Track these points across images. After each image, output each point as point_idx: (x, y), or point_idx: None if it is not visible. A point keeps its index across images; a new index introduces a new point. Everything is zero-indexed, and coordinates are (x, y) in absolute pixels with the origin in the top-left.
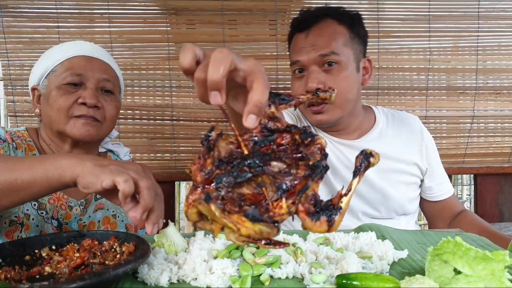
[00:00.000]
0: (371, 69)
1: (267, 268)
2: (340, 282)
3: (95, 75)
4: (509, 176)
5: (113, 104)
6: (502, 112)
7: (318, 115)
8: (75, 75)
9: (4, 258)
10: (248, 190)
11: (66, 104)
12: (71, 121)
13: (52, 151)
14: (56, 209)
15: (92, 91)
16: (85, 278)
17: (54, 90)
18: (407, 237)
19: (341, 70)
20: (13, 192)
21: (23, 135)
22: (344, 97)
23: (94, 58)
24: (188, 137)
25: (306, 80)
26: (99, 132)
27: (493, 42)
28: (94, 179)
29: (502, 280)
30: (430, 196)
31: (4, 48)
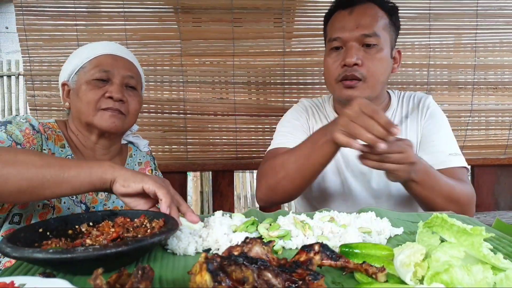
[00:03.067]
0: (399, 60)
1: (279, 240)
2: (343, 249)
3: (121, 72)
4: (505, 167)
5: (136, 99)
6: (499, 106)
7: (350, 90)
8: (103, 72)
9: (51, 231)
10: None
11: (95, 98)
12: (99, 113)
13: (80, 142)
14: (84, 194)
15: (118, 87)
16: (129, 244)
17: (84, 84)
18: (403, 218)
19: (379, 52)
20: (58, 184)
21: (53, 127)
22: (377, 79)
23: (119, 57)
24: (199, 129)
25: (345, 55)
26: (123, 124)
27: (491, 39)
28: (138, 180)
29: (480, 249)
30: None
31: (25, 45)
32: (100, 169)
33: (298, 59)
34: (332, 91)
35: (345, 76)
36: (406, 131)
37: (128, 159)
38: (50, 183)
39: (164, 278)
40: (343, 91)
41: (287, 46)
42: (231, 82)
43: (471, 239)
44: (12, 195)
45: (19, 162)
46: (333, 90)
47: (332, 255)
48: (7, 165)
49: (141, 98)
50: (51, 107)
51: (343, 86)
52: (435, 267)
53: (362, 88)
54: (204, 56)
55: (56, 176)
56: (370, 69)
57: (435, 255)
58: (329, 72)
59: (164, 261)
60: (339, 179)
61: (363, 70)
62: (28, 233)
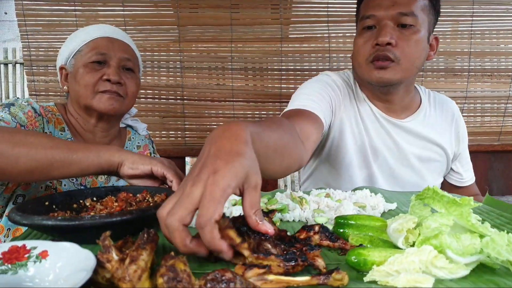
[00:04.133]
0: (436, 47)
1: (277, 213)
2: (338, 221)
3: (117, 54)
4: (498, 154)
5: (134, 81)
6: (494, 93)
7: (381, 71)
8: (99, 54)
9: (56, 205)
10: None
11: (92, 81)
12: (97, 96)
13: (80, 125)
14: (84, 177)
15: (115, 69)
16: (133, 213)
17: (81, 68)
18: (397, 196)
19: (415, 33)
20: (66, 165)
21: (52, 110)
22: (411, 61)
23: (116, 39)
24: (197, 115)
25: (378, 34)
26: (121, 107)
27: (487, 26)
28: (146, 162)
29: (468, 218)
30: (459, 181)
31: (24, 30)
32: (108, 152)
33: (295, 45)
34: (361, 73)
35: (377, 56)
36: (440, 133)
37: (127, 142)
38: (58, 164)
39: (167, 245)
40: (373, 72)
41: (285, 32)
42: (229, 68)
43: (460, 209)
44: (22, 174)
45: (29, 143)
46: (362, 72)
47: (331, 236)
48: (17, 146)
49: (139, 81)
50: (50, 93)
51: (374, 67)
52: (425, 233)
53: (394, 70)
54: (202, 42)
55: (65, 158)
56: (404, 50)
57: (426, 223)
58: (359, 52)
59: None
60: (366, 172)
61: (396, 50)
62: (35, 205)
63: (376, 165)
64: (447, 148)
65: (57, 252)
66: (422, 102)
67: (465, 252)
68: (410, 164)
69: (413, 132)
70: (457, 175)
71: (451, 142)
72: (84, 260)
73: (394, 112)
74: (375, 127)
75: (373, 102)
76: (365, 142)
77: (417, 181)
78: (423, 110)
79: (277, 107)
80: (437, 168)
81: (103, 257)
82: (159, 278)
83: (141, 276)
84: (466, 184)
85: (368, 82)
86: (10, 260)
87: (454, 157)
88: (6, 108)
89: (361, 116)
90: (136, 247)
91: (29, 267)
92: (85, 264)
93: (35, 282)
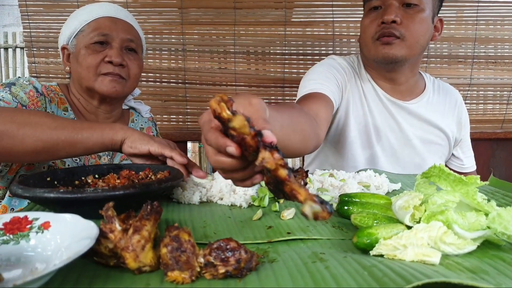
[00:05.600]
0: (441, 29)
1: None
2: (343, 198)
3: (120, 35)
4: (501, 141)
5: (136, 63)
6: (497, 80)
7: (386, 47)
8: (101, 35)
9: (58, 181)
10: None
11: (94, 63)
12: (99, 78)
13: (82, 106)
14: (87, 158)
15: (117, 50)
16: (136, 187)
17: (83, 49)
18: (401, 178)
19: (420, 12)
20: (71, 145)
21: (55, 89)
22: (416, 39)
23: (118, 19)
24: (199, 99)
25: (383, 12)
26: (124, 89)
27: (492, 13)
28: (144, 142)
29: (474, 197)
30: (460, 166)
31: (25, 11)
32: (111, 131)
33: (299, 30)
34: (367, 51)
35: (382, 33)
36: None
37: (130, 124)
38: (64, 144)
39: (170, 219)
40: (379, 48)
41: (289, 16)
42: (232, 51)
43: (466, 187)
44: (28, 155)
45: (33, 124)
46: (368, 50)
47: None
48: (22, 126)
49: (142, 62)
50: (51, 75)
51: (380, 44)
52: (431, 209)
53: (399, 46)
54: (205, 25)
55: (70, 137)
56: (409, 28)
57: (432, 199)
58: (366, 31)
59: (170, 207)
60: (369, 152)
61: (401, 28)
62: (37, 180)
63: (379, 146)
64: (448, 132)
65: (59, 223)
66: (426, 87)
67: (471, 228)
68: (412, 145)
69: (416, 114)
70: (458, 161)
71: (452, 127)
72: (87, 230)
73: (399, 93)
74: (378, 108)
75: (377, 83)
76: (369, 122)
77: (419, 163)
78: (427, 94)
79: (280, 92)
80: (439, 151)
81: (106, 227)
82: (163, 248)
83: (144, 246)
84: (466, 170)
85: (374, 59)
86: (12, 230)
87: (456, 142)
88: (7, 88)
89: (365, 97)
90: (140, 218)
91: (31, 237)
92: (88, 233)
93: (36, 251)
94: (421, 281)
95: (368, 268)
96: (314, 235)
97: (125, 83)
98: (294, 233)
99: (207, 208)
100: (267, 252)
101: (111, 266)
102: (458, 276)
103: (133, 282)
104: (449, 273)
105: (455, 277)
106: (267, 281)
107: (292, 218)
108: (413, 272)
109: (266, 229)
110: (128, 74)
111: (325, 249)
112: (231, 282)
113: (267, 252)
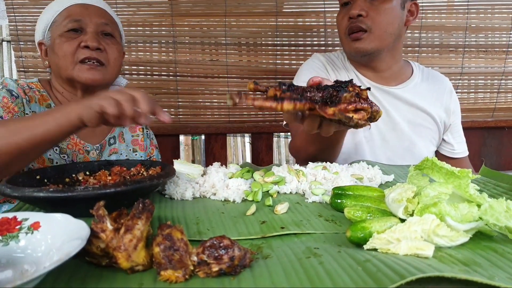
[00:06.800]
0: (416, 13)
1: (274, 186)
2: (336, 192)
3: (93, 19)
4: (492, 130)
5: (115, 47)
6: (488, 69)
7: (356, 42)
8: (74, 21)
9: (48, 179)
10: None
11: (70, 49)
12: (77, 67)
13: (66, 99)
14: (75, 154)
15: (92, 35)
16: (128, 184)
17: (57, 38)
18: (394, 169)
19: (385, 2)
20: (35, 146)
21: (36, 86)
22: (384, 29)
23: (90, 5)
24: (191, 92)
25: (350, 8)
26: (104, 76)
27: (484, 2)
28: (89, 110)
29: (466, 189)
30: (451, 151)
31: (11, 4)
32: (65, 116)
33: (290, 20)
34: (343, 46)
35: (351, 28)
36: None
37: None
38: (28, 147)
39: (163, 217)
40: (350, 44)
41: (280, 7)
42: (223, 43)
43: (459, 180)
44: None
45: None
46: (343, 45)
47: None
48: None
49: (121, 47)
50: (39, 69)
51: (350, 40)
52: (424, 201)
53: (368, 39)
54: (195, 17)
55: (29, 139)
56: (375, 19)
57: (425, 191)
58: (339, 27)
59: (162, 204)
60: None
61: (368, 21)
62: (27, 179)
63: (366, 131)
64: (435, 117)
65: (49, 223)
66: (413, 74)
67: (464, 220)
68: (400, 128)
69: (402, 98)
70: (449, 146)
71: (440, 113)
72: (78, 230)
73: (383, 79)
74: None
75: (361, 72)
76: None
77: (408, 146)
78: (414, 80)
79: (272, 83)
80: (428, 135)
81: (97, 227)
82: (156, 247)
83: (136, 245)
84: (458, 156)
85: (349, 54)
86: (1, 231)
87: (445, 127)
88: None
89: None
90: (131, 216)
91: (21, 238)
92: (79, 234)
93: (26, 253)
94: (415, 275)
95: (362, 263)
96: (308, 229)
97: (105, 69)
98: (288, 227)
99: (200, 203)
100: (261, 248)
101: (103, 266)
102: (451, 269)
103: (126, 281)
104: (443, 266)
105: (448, 270)
106: (261, 279)
107: (286, 212)
108: (406, 266)
109: (260, 224)
110: (107, 58)
111: (319, 244)
112: (225, 280)
113: (261, 248)
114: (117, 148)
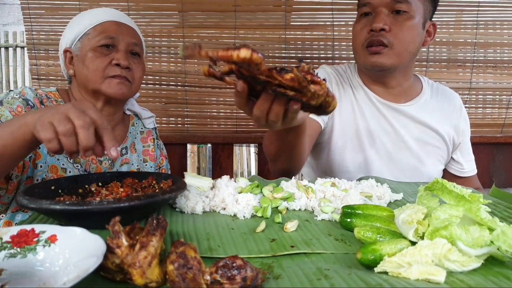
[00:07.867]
0: (434, 34)
1: (283, 202)
2: (345, 210)
3: (125, 39)
4: (501, 146)
5: (140, 67)
6: (497, 84)
7: (375, 56)
8: (108, 38)
9: (62, 189)
10: None
11: (102, 65)
12: (106, 81)
13: None
14: (88, 163)
15: (124, 53)
16: (141, 199)
17: (89, 52)
18: (403, 186)
19: (409, 19)
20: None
21: (54, 96)
22: (405, 46)
23: (123, 24)
24: (199, 102)
25: (373, 20)
26: (130, 92)
27: (492, 17)
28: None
29: (477, 213)
30: (460, 171)
31: (28, 14)
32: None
33: (298, 33)
34: (358, 58)
35: (371, 42)
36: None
37: (131, 127)
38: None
39: (174, 231)
40: (368, 57)
41: (288, 20)
42: None
43: (469, 204)
44: None
45: None
46: (358, 56)
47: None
48: None
49: (145, 66)
50: (51, 77)
51: (368, 53)
52: (435, 224)
53: (388, 55)
54: (205, 28)
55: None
56: (397, 35)
57: (435, 213)
58: (356, 38)
59: (173, 218)
60: (362, 156)
61: (390, 36)
62: (42, 190)
63: (373, 149)
64: (444, 135)
65: (66, 236)
66: (423, 90)
67: (475, 244)
68: (408, 147)
69: (410, 116)
70: (458, 165)
71: (449, 131)
72: (94, 246)
73: (392, 96)
74: (371, 112)
75: (370, 87)
76: (360, 126)
77: (415, 165)
78: (423, 96)
79: None
80: (437, 154)
81: (113, 242)
82: (169, 265)
83: (151, 262)
84: (466, 175)
85: (364, 66)
86: (19, 243)
87: (454, 146)
88: None
89: (357, 102)
90: (146, 233)
91: (39, 251)
92: (95, 250)
93: (45, 266)
94: None
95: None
96: (318, 249)
97: (131, 86)
98: (297, 246)
99: (210, 218)
100: (271, 267)
101: (117, 281)
102: None
103: None
104: None
105: None
106: None
107: (295, 230)
108: None
109: (270, 241)
110: (133, 77)
111: (330, 265)
112: None
113: (271, 267)
114: (128, 159)
